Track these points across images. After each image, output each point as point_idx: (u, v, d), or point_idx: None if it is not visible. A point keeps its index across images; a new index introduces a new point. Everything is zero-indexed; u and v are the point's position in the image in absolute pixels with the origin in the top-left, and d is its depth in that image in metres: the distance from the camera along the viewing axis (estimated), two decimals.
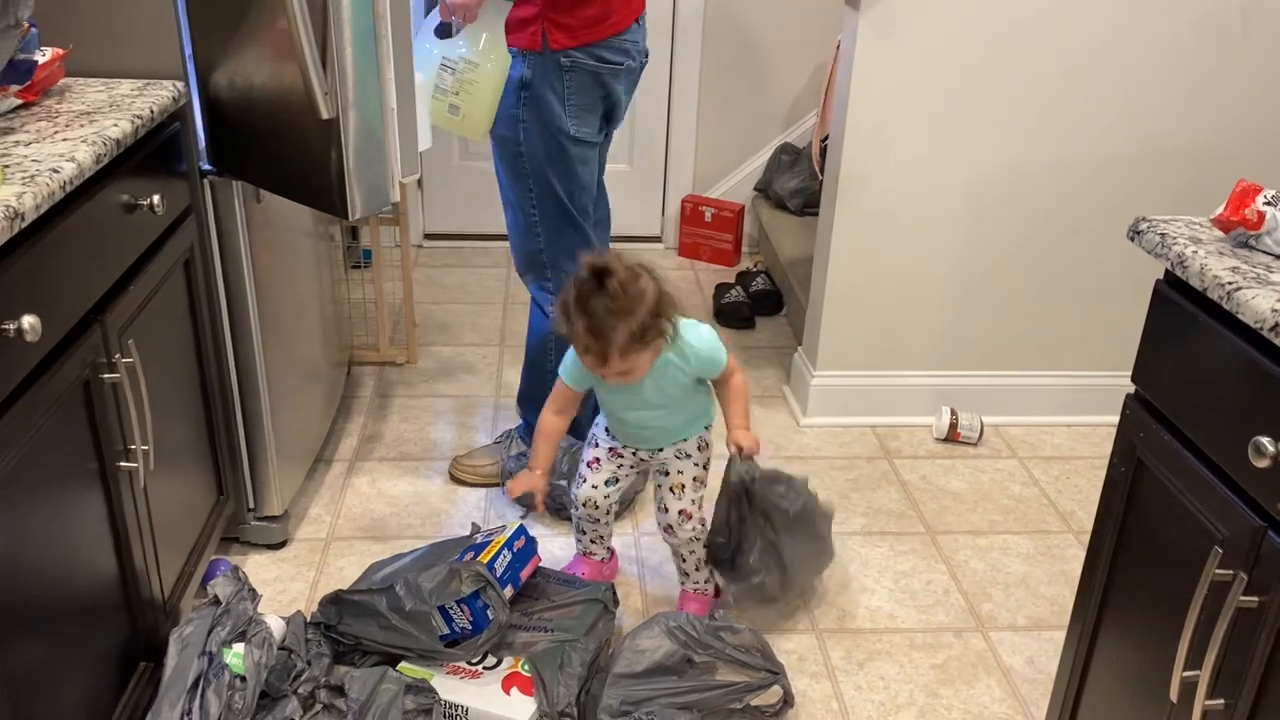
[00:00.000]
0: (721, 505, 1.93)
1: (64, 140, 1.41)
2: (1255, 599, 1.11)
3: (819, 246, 2.69)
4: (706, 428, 1.93)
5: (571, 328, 1.69)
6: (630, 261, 1.71)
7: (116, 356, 1.47)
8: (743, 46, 3.60)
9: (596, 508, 1.98)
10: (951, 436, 2.65)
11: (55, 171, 1.29)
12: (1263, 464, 1.07)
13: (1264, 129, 2.48)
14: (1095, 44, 2.39)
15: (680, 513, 1.92)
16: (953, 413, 2.65)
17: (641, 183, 3.77)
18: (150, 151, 1.63)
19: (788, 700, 1.80)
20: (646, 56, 2.15)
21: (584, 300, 1.66)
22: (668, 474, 1.92)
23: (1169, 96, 2.45)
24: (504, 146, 2.06)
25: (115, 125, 1.49)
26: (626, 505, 2.33)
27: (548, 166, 2.04)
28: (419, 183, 3.73)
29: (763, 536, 1.92)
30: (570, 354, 1.83)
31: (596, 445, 1.96)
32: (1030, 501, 2.45)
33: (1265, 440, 1.07)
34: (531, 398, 2.30)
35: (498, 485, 2.39)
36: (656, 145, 3.72)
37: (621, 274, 1.66)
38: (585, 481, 1.96)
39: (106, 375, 1.45)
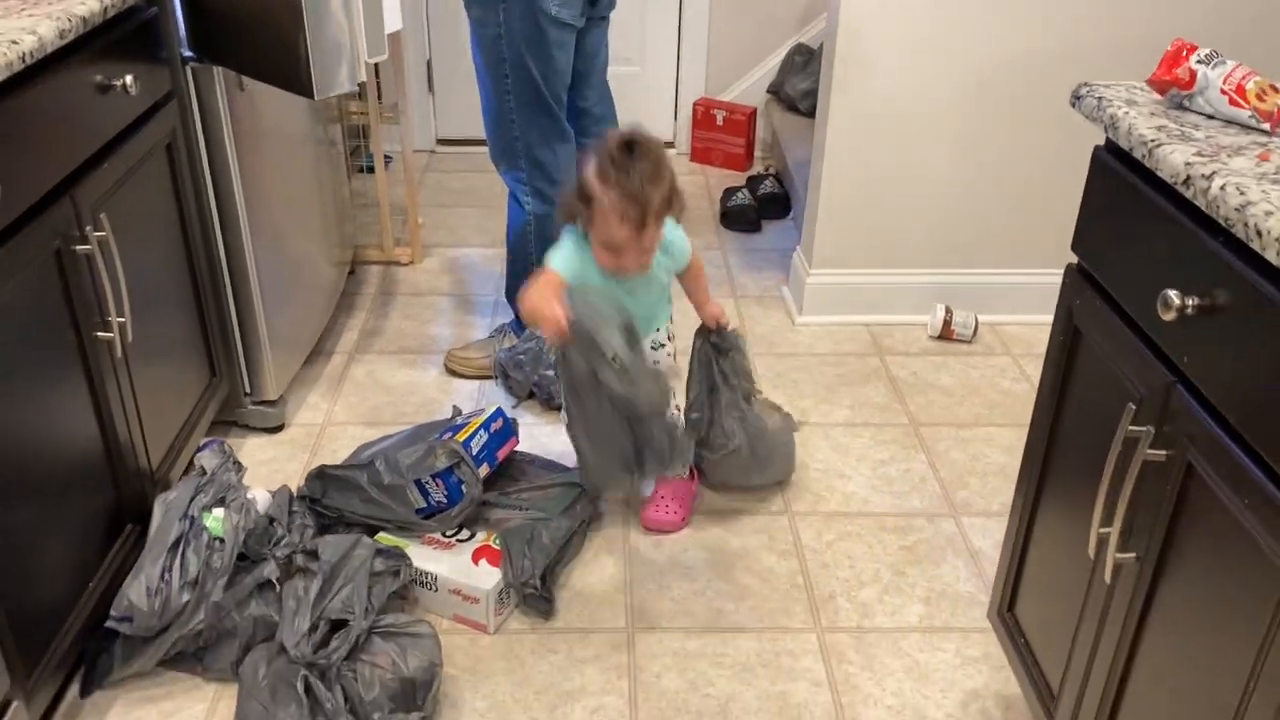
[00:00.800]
0: (694, 381, 1.97)
1: (29, 16, 1.45)
2: (1163, 453, 1.13)
3: (815, 144, 2.68)
4: (670, 320, 1.96)
5: (607, 195, 1.66)
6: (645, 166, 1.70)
7: (89, 229, 1.53)
8: None
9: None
10: (945, 334, 2.65)
11: (14, 43, 1.33)
12: (1169, 316, 1.07)
13: (1268, 19, 2.39)
14: None
15: None
16: (947, 310, 2.65)
17: (653, 86, 3.74)
18: (124, 34, 1.67)
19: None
20: None
21: (622, 166, 1.67)
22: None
23: None
24: (483, 28, 2.07)
25: (82, 3, 1.52)
26: None
27: (525, 49, 2.05)
28: (429, 87, 3.74)
29: (736, 407, 1.95)
30: (567, 244, 1.79)
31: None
32: (1020, 396, 2.45)
33: (1172, 293, 1.07)
34: (517, 290, 2.33)
35: (491, 377, 2.45)
36: (668, 47, 3.68)
37: (650, 140, 1.71)
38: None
39: (78, 247, 1.51)
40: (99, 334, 1.58)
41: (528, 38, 2.04)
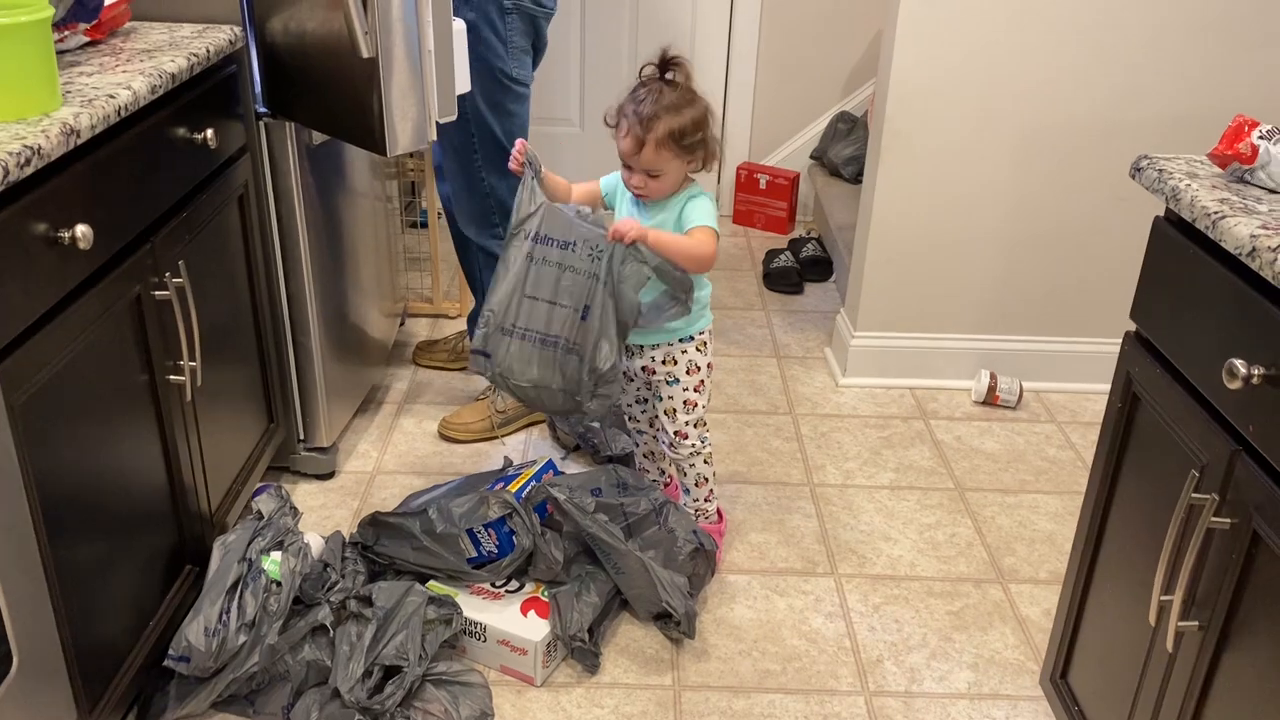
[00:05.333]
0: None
1: (124, 72, 1.52)
2: (1228, 521, 1.13)
3: (862, 207, 2.72)
4: (690, 340, 1.94)
5: (621, 111, 1.79)
6: (680, 92, 1.80)
7: (167, 276, 1.58)
8: (801, 13, 3.62)
9: (637, 420, 2.11)
10: (990, 400, 2.66)
11: (111, 97, 1.40)
12: (1235, 385, 1.09)
13: None
14: (1145, 7, 2.37)
15: (676, 433, 1.99)
16: (992, 376, 2.66)
17: None
18: (206, 89, 1.74)
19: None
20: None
21: (644, 83, 1.79)
22: (661, 399, 1.99)
23: (1223, 60, 2.41)
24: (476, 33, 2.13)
25: (172, 61, 1.60)
26: None
27: (487, 109, 2.15)
28: None
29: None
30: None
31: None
32: (1065, 464, 2.45)
33: (1238, 362, 1.09)
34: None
35: (491, 438, 2.46)
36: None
37: (685, 73, 1.79)
38: (621, 400, 2.11)
39: (157, 293, 1.56)
40: (171, 377, 1.62)
41: (489, 97, 2.15)
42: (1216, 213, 1.15)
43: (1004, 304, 2.68)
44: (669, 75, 1.81)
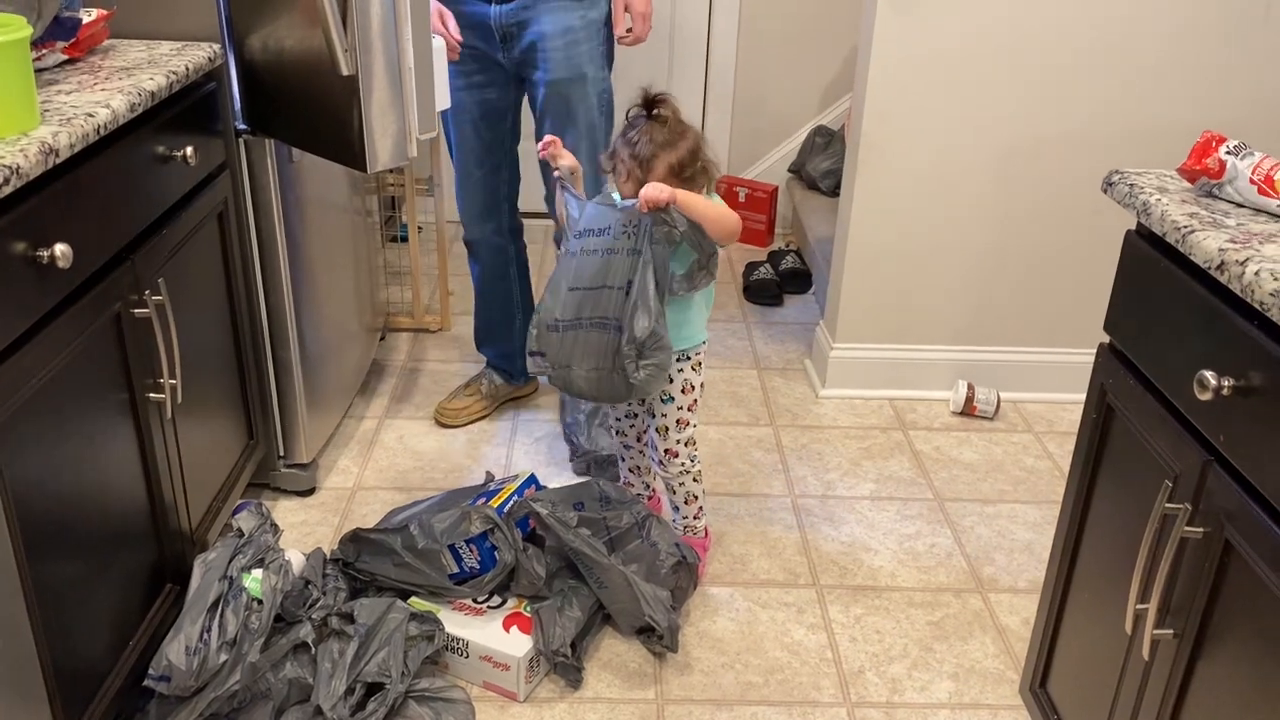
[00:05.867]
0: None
1: (102, 91, 1.52)
2: (1200, 530, 1.15)
3: (839, 220, 2.74)
4: (687, 359, 1.95)
5: (616, 155, 1.83)
6: (672, 128, 1.83)
7: (147, 294, 1.58)
8: (778, 29, 3.64)
9: (625, 435, 2.12)
10: (968, 410, 2.68)
11: (90, 116, 1.40)
12: (1206, 396, 1.11)
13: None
14: (1117, 19, 2.41)
15: (666, 451, 2.00)
16: (969, 387, 2.68)
17: None
18: (185, 107, 1.74)
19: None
20: None
21: (632, 124, 1.82)
22: (654, 415, 2.00)
23: (1193, 75, 2.45)
24: (597, 85, 2.22)
25: (151, 79, 1.60)
26: None
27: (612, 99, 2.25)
28: None
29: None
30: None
31: None
32: (1042, 474, 2.47)
33: (1209, 374, 1.10)
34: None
35: (483, 417, 2.58)
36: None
37: (671, 108, 1.82)
38: (610, 414, 2.15)
39: (137, 311, 1.56)
40: (151, 395, 1.62)
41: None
42: (1186, 227, 1.18)
43: (981, 315, 2.71)
44: (656, 112, 1.82)
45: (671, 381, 1.95)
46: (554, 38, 2.14)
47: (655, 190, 1.75)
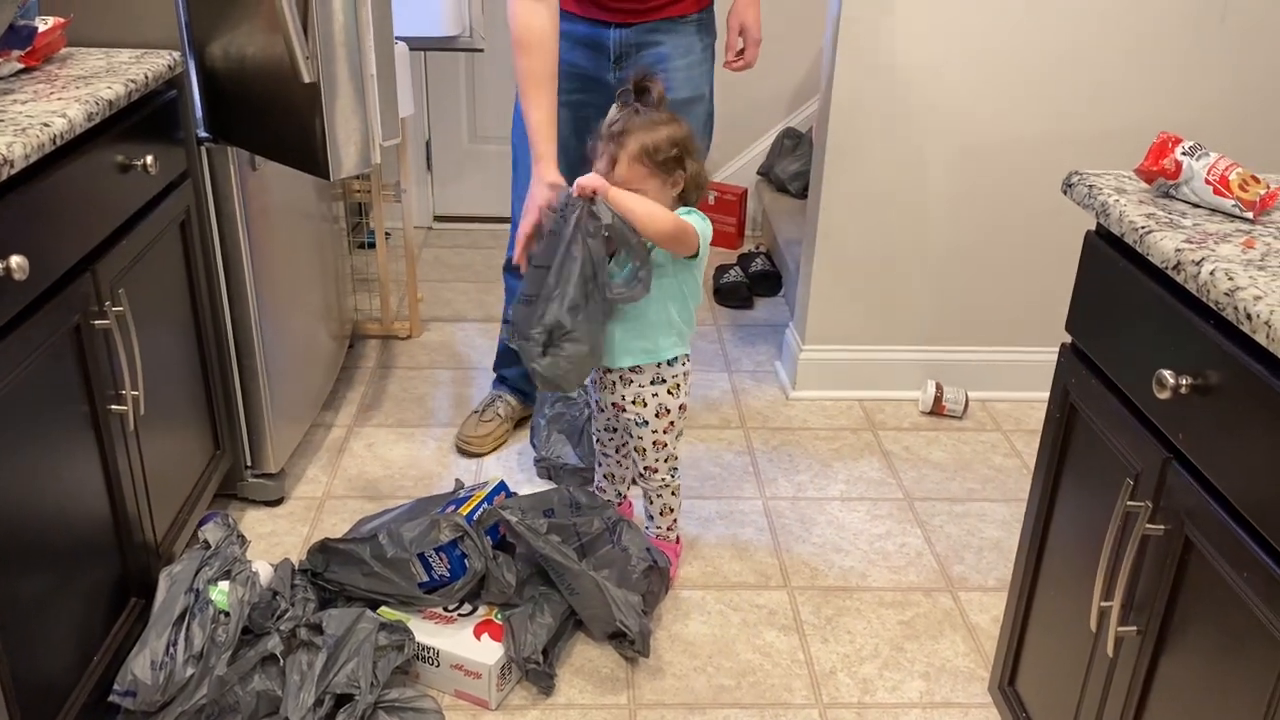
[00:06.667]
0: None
1: (59, 100, 1.50)
2: (1161, 527, 1.16)
3: (807, 224, 2.75)
4: (663, 382, 1.94)
5: (596, 132, 1.83)
6: (654, 114, 1.81)
7: (107, 305, 1.56)
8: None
9: (604, 445, 2.12)
10: (937, 410, 2.70)
11: (46, 126, 1.38)
12: (1164, 395, 1.12)
13: (1241, 110, 2.50)
14: (1081, 24, 2.43)
15: (645, 468, 2.02)
16: (938, 386, 2.70)
17: None
18: (145, 116, 1.72)
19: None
20: None
21: (621, 105, 1.81)
22: (631, 434, 2.01)
23: (1153, 78, 2.48)
24: (708, 105, 2.27)
25: (109, 88, 1.58)
26: None
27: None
28: (428, 165, 3.82)
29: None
30: None
31: (592, 404, 2.11)
32: (1010, 472, 2.49)
33: (1167, 373, 1.12)
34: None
35: (504, 443, 2.52)
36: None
37: (660, 93, 1.81)
38: (593, 423, 2.14)
39: (97, 322, 1.54)
40: (112, 407, 1.60)
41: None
42: (1143, 227, 1.19)
43: (948, 316, 2.73)
44: (645, 96, 1.82)
45: (645, 405, 1.95)
46: (677, 58, 2.17)
47: (589, 178, 1.75)
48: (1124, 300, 1.25)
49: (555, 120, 1.95)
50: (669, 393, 1.95)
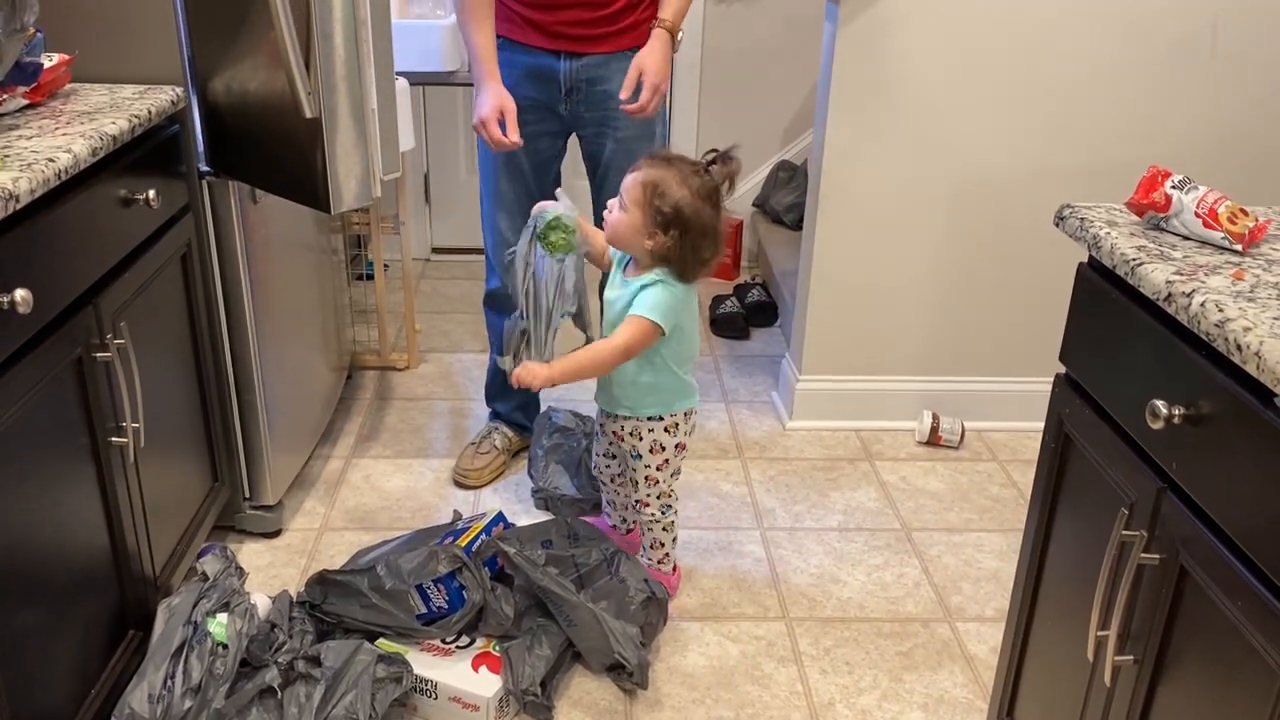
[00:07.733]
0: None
1: (64, 135, 1.52)
2: (1156, 556, 1.17)
3: (803, 254, 2.77)
4: (660, 420, 1.96)
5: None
6: (700, 181, 1.81)
7: (109, 337, 1.57)
8: (740, 65, 3.70)
9: (601, 473, 2.14)
10: (933, 440, 2.71)
11: (51, 161, 1.40)
12: (1158, 425, 1.13)
13: (1231, 143, 2.54)
14: (1070, 60, 2.47)
15: (638, 500, 2.03)
16: (934, 417, 2.71)
17: None
18: (148, 150, 1.74)
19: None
20: None
21: (711, 153, 1.85)
22: (627, 464, 2.04)
23: (1143, 113, 2.51)
24: (660, 141, 2.28)
25: (113, 123, 1.60)
26: None
27: None
28: (426, 198, 3.85)
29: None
30: None
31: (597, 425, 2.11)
32: (1007, 502, 2.49)
33: (1160, 403, 1.13)
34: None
35: (501, 474, 2.53)
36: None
37: (730, 177, 1.84)
38: (590, 452, 2.17)
39: (99, 355, 1.55)
40: (113, 439, 1.60)
41: None
42: (1135, 259, 1.21)
43: (944, 346, 2.74)
44: (717, 166, 1.82)
45: (640, 439, 1.97)
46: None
47: (528, 375, 1.83)
48: (1116, 331, 1.27)
49: (495, 46, 2.12)
50: (666, 431, 1.97)
